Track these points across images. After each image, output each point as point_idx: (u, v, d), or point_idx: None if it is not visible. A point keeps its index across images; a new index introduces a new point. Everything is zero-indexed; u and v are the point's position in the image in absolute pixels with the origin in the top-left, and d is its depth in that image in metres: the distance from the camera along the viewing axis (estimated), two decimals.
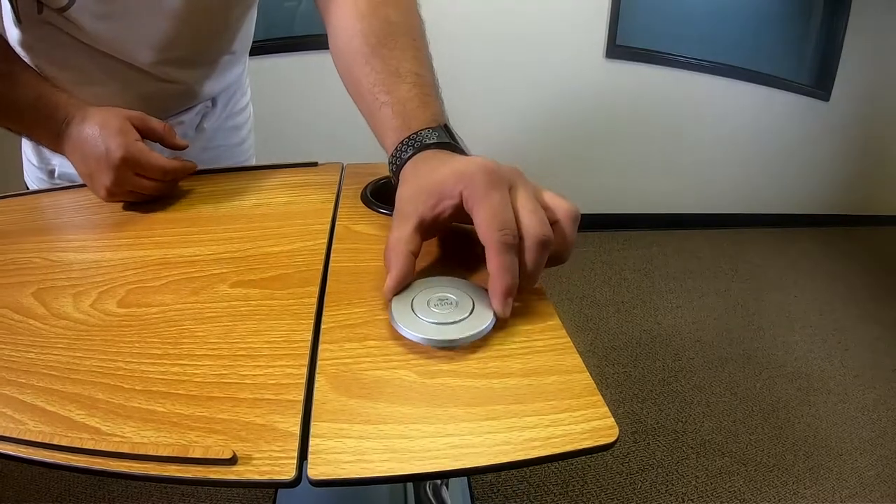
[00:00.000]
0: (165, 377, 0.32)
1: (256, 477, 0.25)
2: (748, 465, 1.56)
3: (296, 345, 0.34)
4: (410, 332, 0.34)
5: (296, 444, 0.27)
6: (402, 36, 0.49)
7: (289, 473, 0.25)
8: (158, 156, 0.54)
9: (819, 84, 3.11)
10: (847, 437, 1.70)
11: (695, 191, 3.17)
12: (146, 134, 0.55)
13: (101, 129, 0.51)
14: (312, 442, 0.27)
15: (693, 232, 3.15)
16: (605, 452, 0.29)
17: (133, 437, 0.28)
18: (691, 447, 1.61)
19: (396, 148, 0.44)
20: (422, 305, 0.36)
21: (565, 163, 2.87)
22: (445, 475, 0.26)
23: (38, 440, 0.28)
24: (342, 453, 0.26)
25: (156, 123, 0.56)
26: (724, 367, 1.99)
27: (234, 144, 0.85)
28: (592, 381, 0.33)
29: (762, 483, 1.51)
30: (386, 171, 0.61)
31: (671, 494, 1.45)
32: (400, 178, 0.43)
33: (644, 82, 2.78)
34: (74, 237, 0.51)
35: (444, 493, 0.43)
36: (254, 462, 0.26)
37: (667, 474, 1.51)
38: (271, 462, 0.26)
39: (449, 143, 0.43)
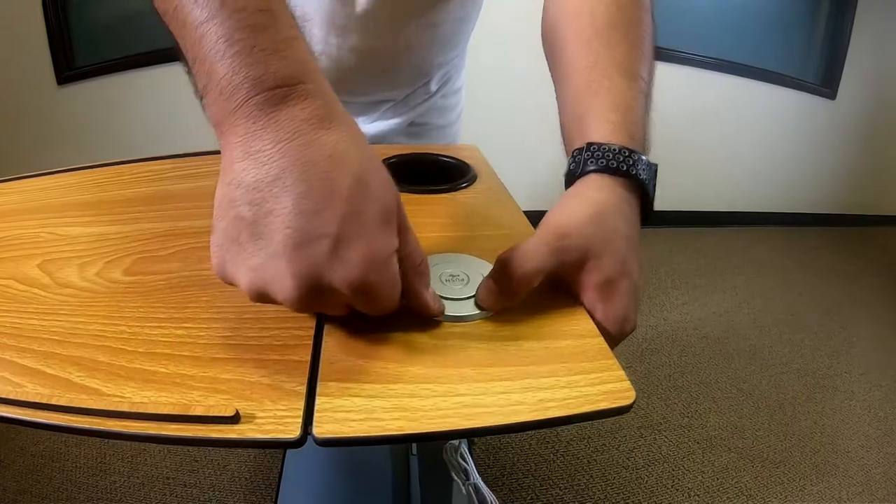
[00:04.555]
0: (169, 339, 0.31)
1: (260, 436, 0.25)
2: (754, 461, 1.55)
3: None
4: None
5: (301, 403, 0.26)
6: (633, 29, 0.44)
7: (293, 432, 0.24)
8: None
9: (825, 82, 3.09)
10: (853, 435, 1.69)
11: (701, 188, 3.16)
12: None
13: (367, 162, 0.29)
14: (319, 401, 0.26)
15: (700, 229, 3.13)
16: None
17: (133, 397, 0.27)
18: (697, 442, 1.60)
19: (607, 146, 0.38)
20: (434, 280, 0.35)
21: (562, 160, 2.85)
22: (456, 435, 0.25)
23: (36, 401, 0.27)
24: (350, 412, 0.26)
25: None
26: (730, 364, 1.97)
27: (441, 126, 0.82)
28: (607, 345, 0.32)
29: (768, 479, 1.49)
30: (384, 154, 0.60)
31: (677, 489, 1.44)
32: (583, 177, 0.38)
33: None
34: (81, 213, 0.50)
35: (465, 450, 0.42)
36: (257, 421, 0.25)
37: (672, 469, 1.50)
38: (276, 421, 0.25)
39: (650, 200, 0.40)
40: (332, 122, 0.27)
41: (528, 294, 0.34)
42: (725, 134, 3.02)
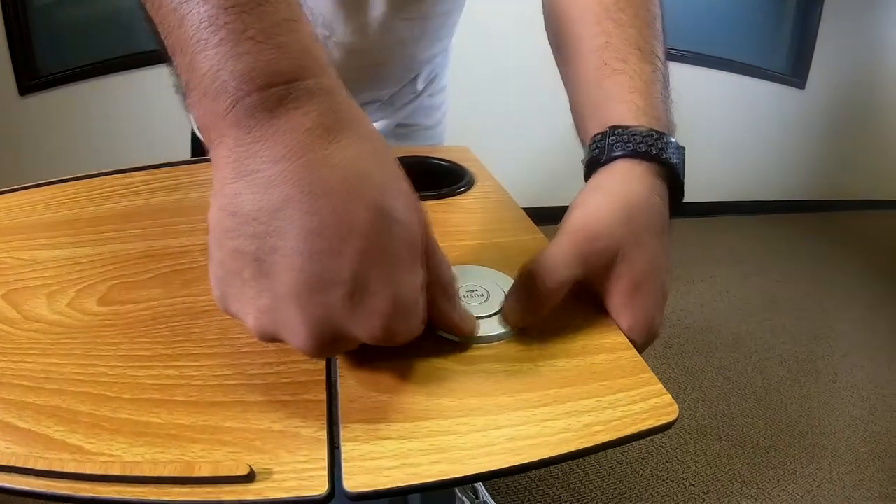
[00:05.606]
0: (158, 382, 0.27)
1: (281, 495, 0.21)
2: (745, 447, 1.56)
3: None
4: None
5: (324, 452, 0.23)
6: (643, 7, 0.42)
7: (320, 488, 0.21)
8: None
9: (795, 72, 3.15)
10: (839, 416, 1.71)
11: None
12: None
13: (389, 182, 0.24)
14: (345, 447, 0.23)
15: (675, 221, 3.14)
16: None
17: (124, 455, 0.23)
18: (689, 433, 1.60)
19: (634, 129, 0.35)
20: None
21: (548, 155, 2.85)
22: (506, 473, 0.22)
23: (11, 464, 0.23)
24: (383, 458, 0.22)
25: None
26: (715, 353, 1.99)
27: (428, 126, 0.78)
28: (641, 358, 0.30)
29: (760, 465, 1.51)
30: None
31: (672, 481, 1.44)
32: (608, 164, 0.35)
33: None
34: (48, 234, 0.45)
35: (480, 486, 0.39)
36: (275, 477, 0.22)
37: (666, 461, 1.50)
38: (297, 475, 0.22)
39: (681, 186, 0.37)
40: (343, 132, 0.22)
41: (556, 305, 0.31)
42: (697, 125, 3.05)
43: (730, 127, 3.13)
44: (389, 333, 0.23)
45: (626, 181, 0.34)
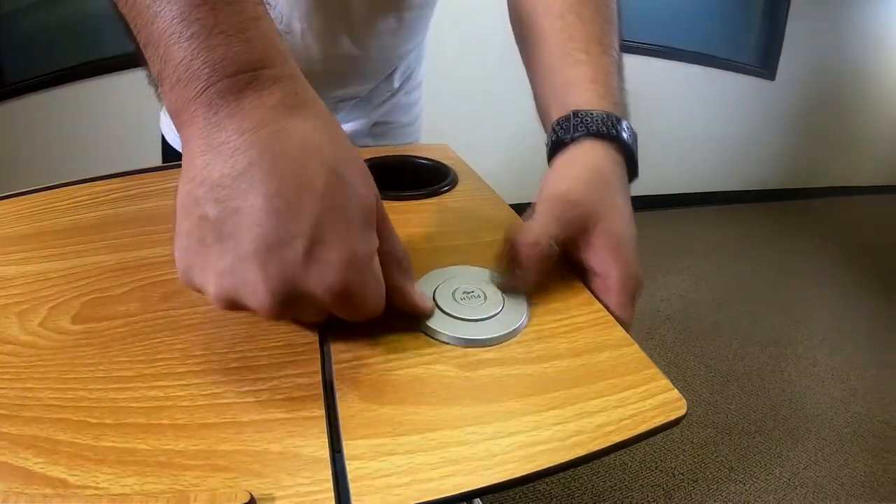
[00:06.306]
0: (143, 404, 0.25)
1: None
2: (731, 433, 1.58)
3: (301, 348, 0.28)
4: (443, 331, 0.29)
5: (328, 472, 0.21)
6: (603, 4, 0.45)
7: None
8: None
9: (764, 64, 3.22)
10: (821, 399, 1.75)
11: (648, 173, 3.18)
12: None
13: (343, 153, 0.26)
14: (351, 466, 0.21)
15: (650, 213, 3.20)
16: None
17: (111, 487, 0.21)
18: None
19: (595, 113, 0.38)
20: (447, 300, 0.31)
21: (522, 149, 2.85)
22: (522, 482, 0.21)
23: None
24: (391, 475, 0.21)
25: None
26: (696, 342, 2.02)
27: (405, 124, 0.78)
28: (644, 354, 0.30)
29: (747, 450, 1.53)
30: (366, 156, 0.56)
31: (661, 471, 1.46)
32: (573, 144, 0.38)
33: None
34: (15, 248, 0.43)
35: None
36: (278, 503, 0.20)
37: (654, 451, 1.51)
38: (301, 499, 0.20)
39: (635, 163, 0.40)
40: (303, 109, 0.25)
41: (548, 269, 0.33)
42: (669, 118, 3.09)
43: (702, 119, 3.18)
44: (346, 289, 0.24)
45: (594, 156, 0.37)
